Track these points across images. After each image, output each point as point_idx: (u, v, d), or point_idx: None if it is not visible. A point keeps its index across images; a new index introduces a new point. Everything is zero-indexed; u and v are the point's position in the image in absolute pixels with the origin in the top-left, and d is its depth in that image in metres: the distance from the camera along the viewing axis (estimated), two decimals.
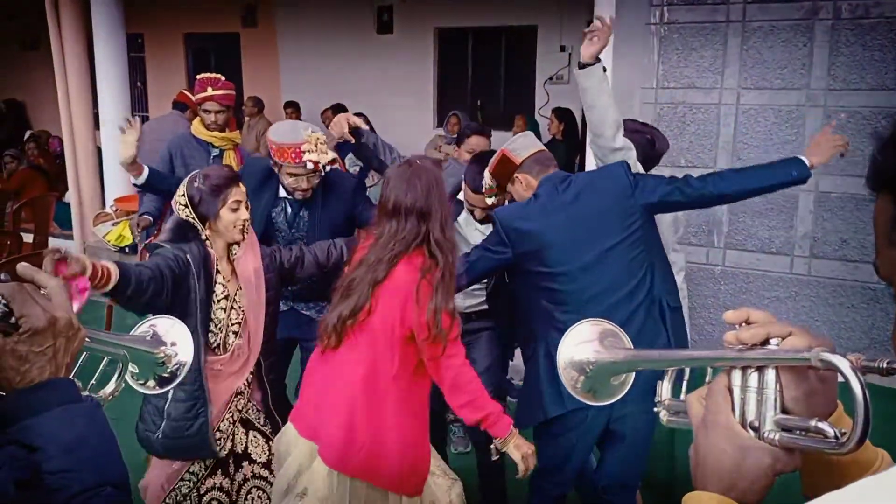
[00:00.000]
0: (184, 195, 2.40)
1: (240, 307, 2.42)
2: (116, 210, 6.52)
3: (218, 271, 2.40)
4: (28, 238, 6.09)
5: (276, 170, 2.91)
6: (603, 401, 1.11)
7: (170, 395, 2.30)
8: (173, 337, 1.42)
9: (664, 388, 0.99)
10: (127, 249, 6.06)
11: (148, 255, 2.40)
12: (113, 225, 6.51)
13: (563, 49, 8.12)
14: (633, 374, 1.09)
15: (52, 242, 6.61)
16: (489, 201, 2.78)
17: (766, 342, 0.81)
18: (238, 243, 2.44)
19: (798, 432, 0.77)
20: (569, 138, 7.15)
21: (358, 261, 2.27)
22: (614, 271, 2.42)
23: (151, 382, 1.42)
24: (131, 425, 2.41)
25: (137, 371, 1.39)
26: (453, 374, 2.20)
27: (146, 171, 3.42)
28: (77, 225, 6.89)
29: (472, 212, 2.97)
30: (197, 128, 4.02)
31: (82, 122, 6.67)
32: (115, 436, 1.01)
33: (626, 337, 1.09)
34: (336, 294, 2.27)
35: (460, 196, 3.03)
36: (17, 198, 7.17)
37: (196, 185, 2.40)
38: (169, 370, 1.40)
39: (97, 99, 6.61)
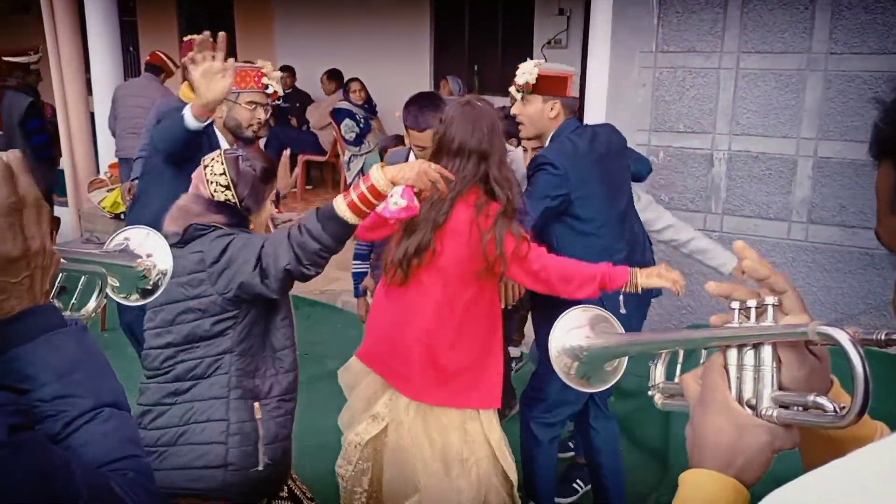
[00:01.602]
0: (224, 174, 2.03)
1: None
2: (111, 176, 6.48)
3: None
4: None
5: (233, 101, 2.73)
6: (596, 387, 1.10)
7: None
8: (148, 248, 1.36)
9: (658, 372, 0.98)
10: (122, 216, 6.04)
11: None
12: (108, 191, 6.49)
13: (561, 12, 8.00)
14: (626, 359, 1.09)
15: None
16: (517, 110, 2.74)
17: (761, 314, 0.80)
18: None
19: (796, 408, 0.76)
20: None
21: None
22: (635, 226, 2.74)
23: (135, 296, 1.37)
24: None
25: (118, 285, 1.35)
26: (551, 272, 2.31)
27: None
28: (72, 191, 6.86)
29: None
30: (185, 93, 3.94)
31: (75, 87, 6.60)
32: (106, 358, 0.99)
33: (617, 322, 1.08)
34: (398, 229, 2.30)
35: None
36: None
37: (245, 166, 2.04)
38: (151, 282, 1.35)
39: (89, 64, 6.53)
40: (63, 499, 0.78)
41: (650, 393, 0.98)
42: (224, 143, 2.70)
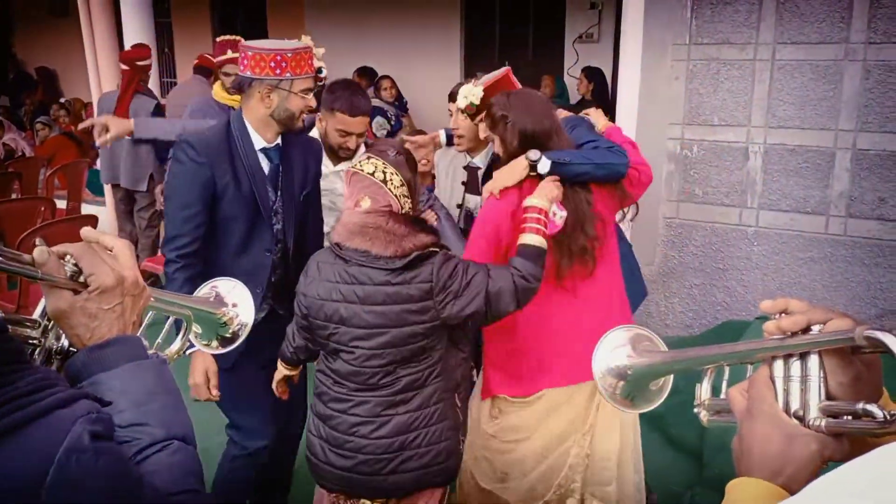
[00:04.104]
0: (403, 184, 2.06)
1: None
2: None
3: None
4: (61, 204, 6.18)
5: (288, 90, 2.33)
6: (641, 408, 1.11)
7: None
8: (235, 298, 1.43)
9: (704, 389, 0.97)
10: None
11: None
12: None
13: (593, 6, 7.94)
14: (672, 378, 1.08)
15: (85, 209, 6.70)
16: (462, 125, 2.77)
17: (807, 329, 0.79)
18: None
19: (845, 417, 0.75)
20: (599, 98, 7.03)
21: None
22: None
23: (215, 343, 1.44)
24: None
25: (201, 332, 1.42)
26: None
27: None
28: (108, 191, 6.96)
29: (337, 150, 2.77)
30: (218, 92, 3.99)
31: (111, 88, 6.70)
32: (181, 392, 1.03)
33: (660, 341, 1.08)
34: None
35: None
36: (49, 164, 7.27)
37: (408, 168, 2.11)
38: (231, 331, 1.42)
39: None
40: None
41: (696, 410, 0.97)
42: (258, 141, 2.41)
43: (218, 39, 4.04)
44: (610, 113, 6.75)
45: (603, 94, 7.11)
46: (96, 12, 6.48)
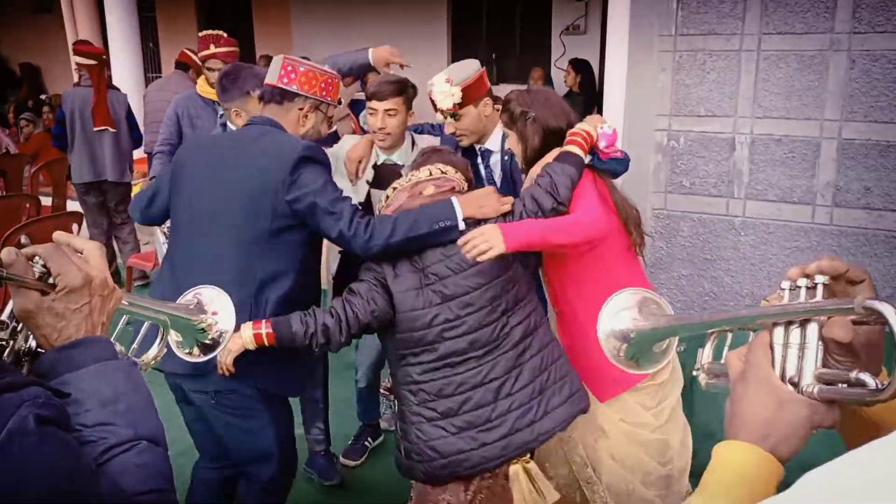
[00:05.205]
0: (450, 165, 2.31)
1: None
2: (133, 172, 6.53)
3: None
4: (46, 201, 6.13)
5: (324, 113, 2.38)
6: (646, 369, 1.13)
7: None
8: (216, 307, 1.43)
9: (706, 352, 0.99)
10: None
11: None
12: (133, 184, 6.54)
13: None
14: (676, 340, 1.10)
15: (70, 205, 6.65)
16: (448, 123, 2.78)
17: (814, 292, 0.80)
18: None
19: (839, 385, 0.77)
20: (586, 90, 7.04)
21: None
22: None
23: (196, 350, 1.44)
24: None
25: (181, 339, 1.42)
26: None
27: None
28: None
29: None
30: (202, 87, 3.99)
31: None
32: (151, 394, 1.03)
33: (667, 304, 1.09)
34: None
35: None
36: (34, 161, 7.22)
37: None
38: (210, 337, 1.41)
39: (109, 60, 6.58)
40: (79, 498, 0.79)
41: (695, 373, 0.99)
42: None
43: (201, 34, 4.03)
44: (597, 104, 6.77)
45: (590, 85, 7.12)
46: (79, 8, 6.44)
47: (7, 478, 0.73)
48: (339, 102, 2.49)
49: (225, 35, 3.95)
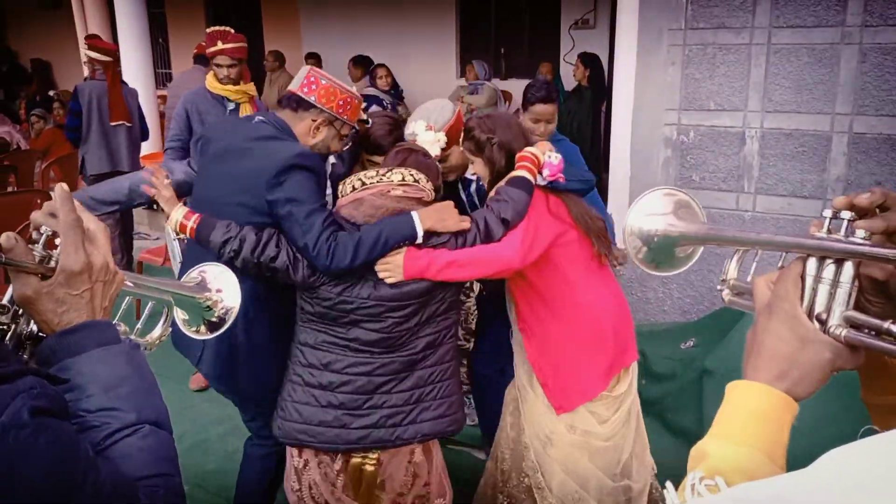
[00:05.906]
0: (423, 175, 2.34)
1: None
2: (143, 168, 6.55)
3: None
4: None
5: (337, 130, 2.42)
6: (665, 271, 1.08)
7: None
8: (220, 284, 1.42)
9: (731, 267, 0.94)
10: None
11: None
12: None
13: None
14: (701, 248, 1.05)
15: None
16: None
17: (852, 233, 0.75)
18: None
19: (867, 331, 0.73)
20: (595, 85, 7.02)
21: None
22: None
23: (203, 328, 1.43)
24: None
25: (188, 317, 1.42)
26: None
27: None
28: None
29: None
30: (211, 82, 3.99)
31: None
32: (155, 378, 1.02)
33: (701, 209, 1.05)
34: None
35: None
36: (45, 157, 7.25)
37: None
38: (216, 315, 1.41)
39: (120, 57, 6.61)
40: (77, 490, 0.78)
41: (719, 287, 0.95)
42: None
43: (208, 31, 4.03)
44: (606, 98, 6.75)
45: (599, 80, 7.09)
46: (89, 4, 6.46)
47: (2, 470, 0.72)
48: (366, 122, 2.56)
49: (232, 31, 3.95)
